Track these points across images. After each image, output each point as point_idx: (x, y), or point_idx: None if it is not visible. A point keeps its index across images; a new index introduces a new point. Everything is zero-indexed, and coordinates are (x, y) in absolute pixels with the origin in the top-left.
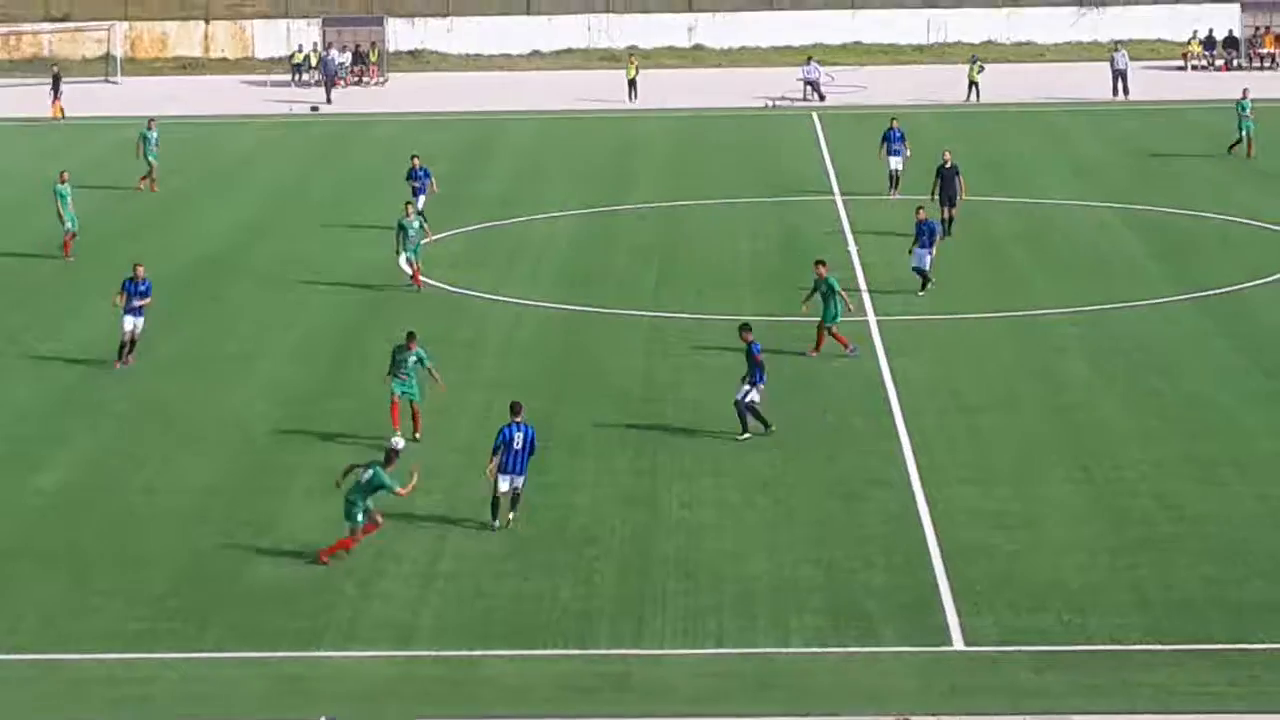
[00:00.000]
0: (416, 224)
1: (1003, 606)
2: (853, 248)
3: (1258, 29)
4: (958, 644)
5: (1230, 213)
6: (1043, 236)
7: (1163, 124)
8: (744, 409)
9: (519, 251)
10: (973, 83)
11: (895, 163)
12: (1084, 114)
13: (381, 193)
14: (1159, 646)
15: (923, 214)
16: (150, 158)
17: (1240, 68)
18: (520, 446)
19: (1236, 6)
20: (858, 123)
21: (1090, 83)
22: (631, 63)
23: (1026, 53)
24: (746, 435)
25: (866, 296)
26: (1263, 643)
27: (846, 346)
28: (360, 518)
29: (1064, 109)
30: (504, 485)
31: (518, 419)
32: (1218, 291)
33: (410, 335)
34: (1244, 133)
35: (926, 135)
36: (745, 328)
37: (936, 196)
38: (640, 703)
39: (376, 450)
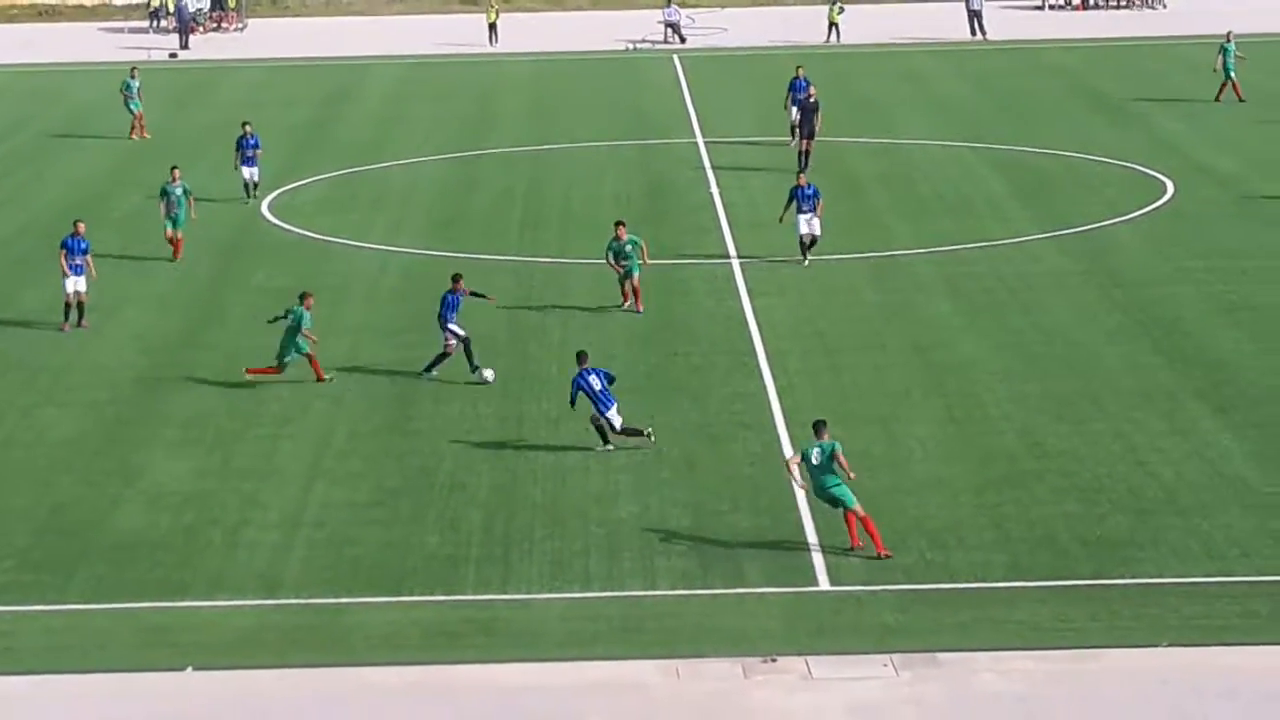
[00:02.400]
0: (180, 190)
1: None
2: (714, 189)
3: None
4: (823, 584)
5: (1089, 151)
6: (903, 177)
7: (1021, 64)
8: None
9: (382, 197)
10: (833, 24)
11: (798, 113)
12: (942, 54)
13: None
14: (1021, 583)
15: (803, 179)
16: (133, 106)
17: (1097, 6)
18: (600, 387)
19: None
20: (718, 65)
21: (948, 23)
22: (492, 6)
23: None
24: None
25: (729, 238)
26: (1123, 578)
27: (638, 306)
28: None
29: (923, 49)
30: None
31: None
32: (1077, 230)
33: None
34: (1229, 75)
35: (788, 76)
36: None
37: (795, 131)
38: (508, 647)
39: (243, 396)
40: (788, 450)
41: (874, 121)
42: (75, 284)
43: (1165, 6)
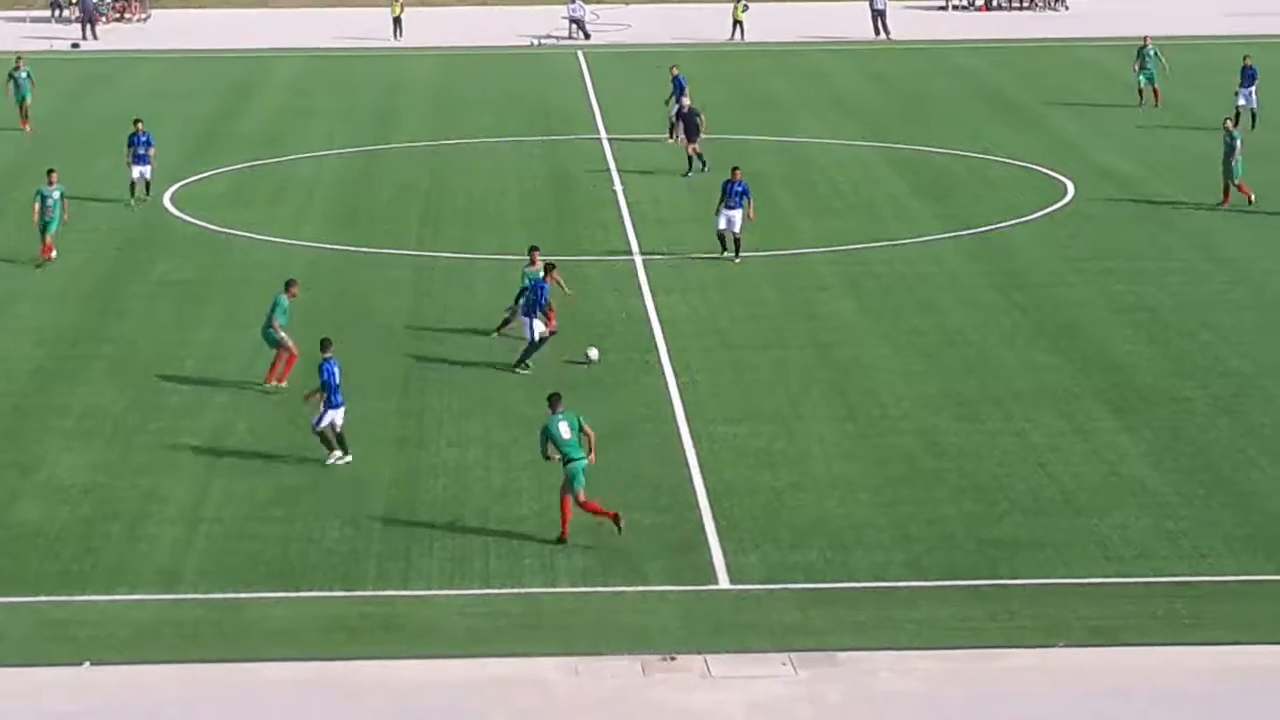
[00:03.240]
0: (58, 194)
1: (768, 544)
2: (618, 186)
3: None
4: (723, 582)
5: (990, 152)
6: (805, 176)
7: (923, 64)
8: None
9: (285, 191)
10: (737, 22)
11: (683, 100)
12: (846, 54)
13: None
14: (920, 582)
15: (738, 174)
16: (21, 96)
17: (1000, 7)
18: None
19: None
20: (623, 61)
21: (852, 23)
22: (397, 0)
23: None
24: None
25: (632, 235)
26: (1021, 578)
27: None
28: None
29: (826, 48)
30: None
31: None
32: (978, 230)
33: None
34: (1147, 81)
35: (691, 75)
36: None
37: (680, 137)
38: (408, 643)
39: (143, 389)
40: (689, 448)
41: (777, 120)
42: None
43: (1068, 8)
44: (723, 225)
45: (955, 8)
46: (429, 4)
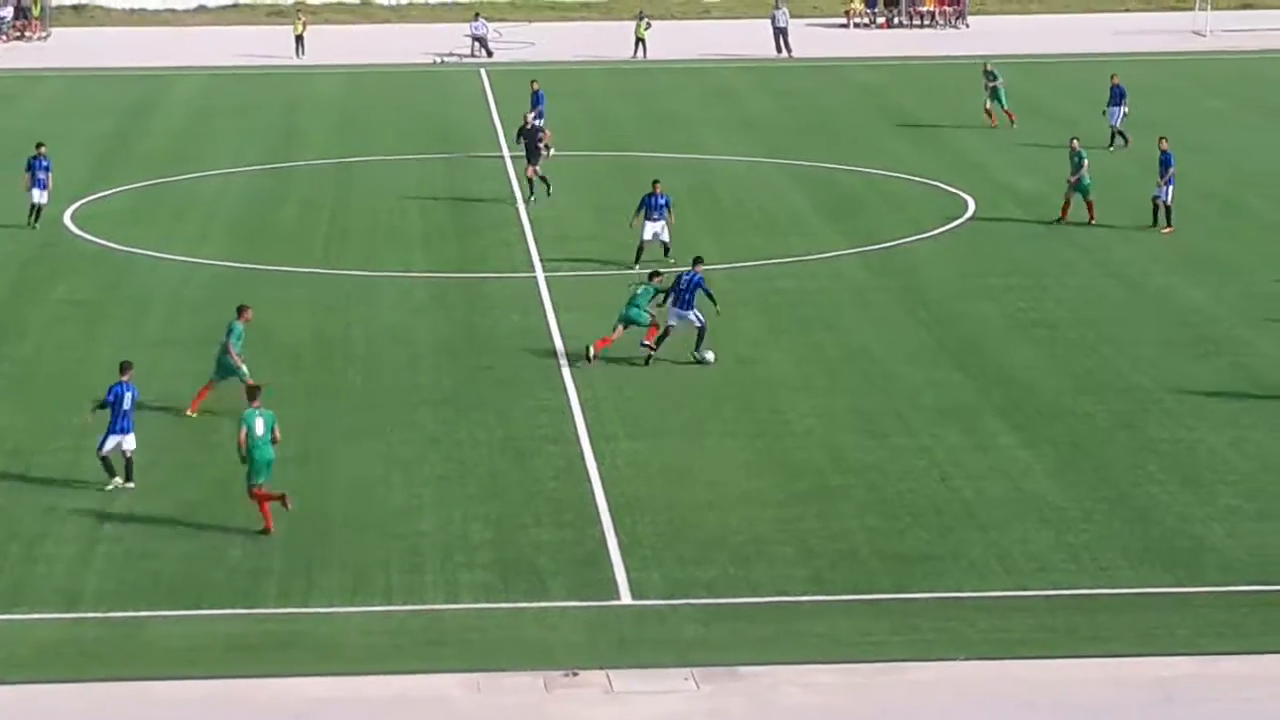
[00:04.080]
0: None
1: (670, 560)
2: (520, 204)
3: None
4: (625, 598)
5: (893, 168)
6: (710, 193)
7: (825, 81)
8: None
9: (187, 209)
10: (639, 39)
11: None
12: (748, 71)
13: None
14: (823, 597)
15: (659, 187)
16: None
17: (901, 25)
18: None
19: None
20: (526, 79)
21: (754, 40)
22: (299, 19)
23: (693, 9)
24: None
25: (534, 252)
26: (923, 592)
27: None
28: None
29: (729, 66)
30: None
31: (125, 378)
32: (881, 246)
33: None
34: (995, 102)
35: (594, 92)
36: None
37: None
38: (309, 661)
39: (42, 408)
40: (592, 464)
41: (680, 137)
42: None
43: (968, 26)
44: (648, 237)
45: (856, 25)
46: (332, 22)
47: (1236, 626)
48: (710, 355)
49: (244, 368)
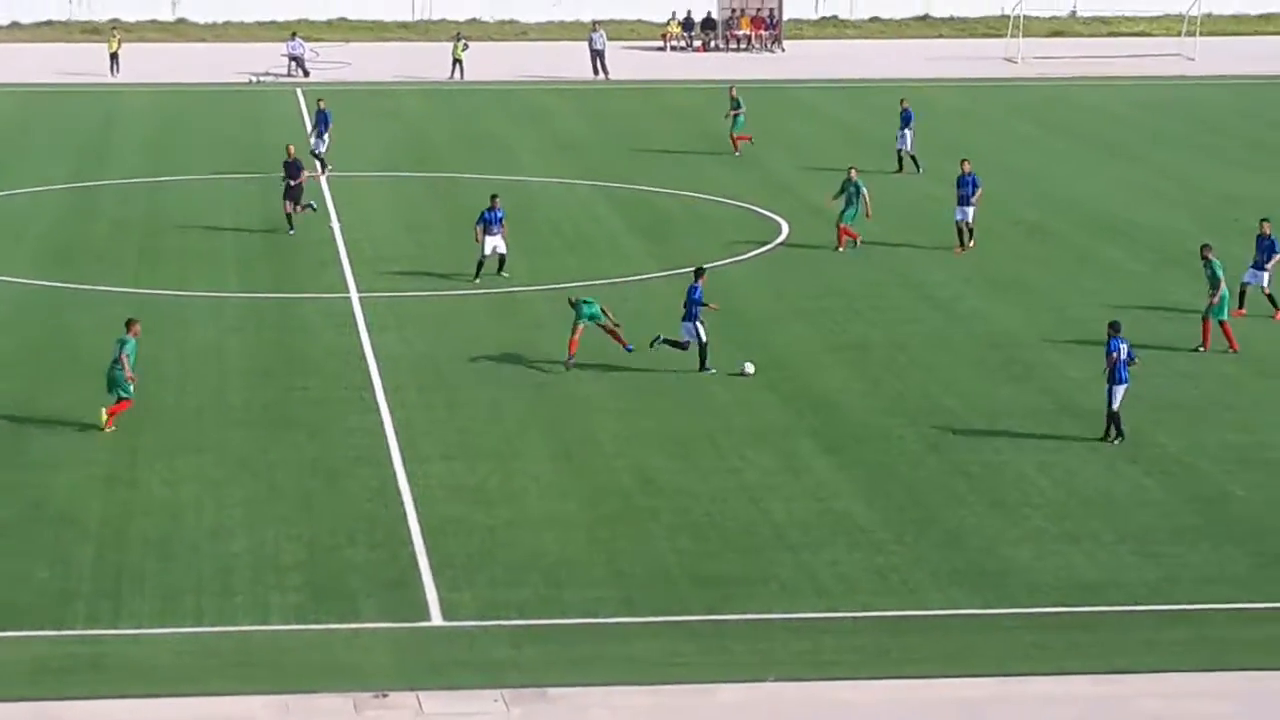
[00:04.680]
0: None
1: (482, 581)
2: (335, 223)
3: (734, 11)
4: (437, 619)
5: (707, 191)
6: (525, 214)
7: (641, 103)
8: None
9: None
10: (457, 60)
11: (311, 139)
12: (565, 93)
13: None
14: (634, 619)
15: (497, 201)
16: None
17: (717, 49)
18: None
19: None
20: (342, 99)
21: (571, 62)
22: (114, 36)
23: (510, 32)
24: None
25: (349, 273)
26: (734, 613)
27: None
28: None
29: (545, 88)
30: None
31: None
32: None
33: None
34: (736, 129)
35: (411, 113)
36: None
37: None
38: (118, 683)
39: None
40: (404, 485)
41: (496, 158)
42: None
43: (784, 50)
44: (488, 251)
45: (673, 48)
46: (147, 40)
47: (1043, 648)
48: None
49: (131, 386)
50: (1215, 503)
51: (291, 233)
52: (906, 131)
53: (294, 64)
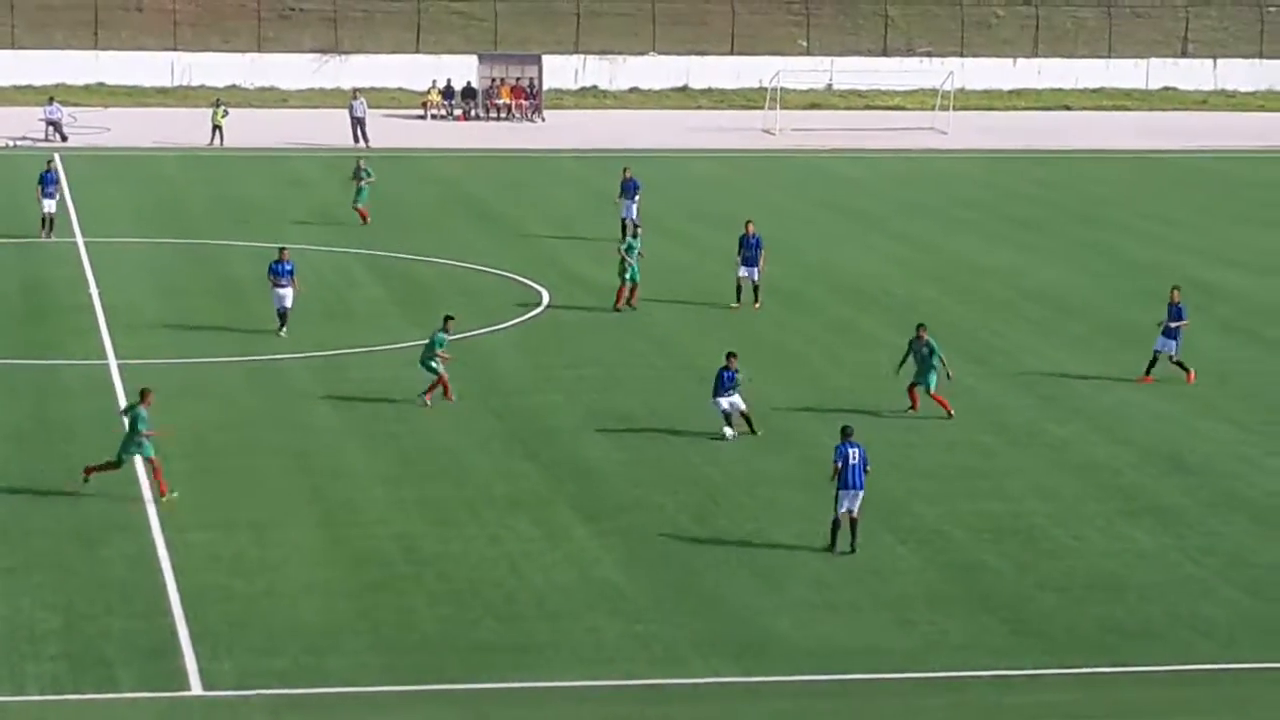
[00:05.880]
0: None
1: (242, 650)
2: (94, 289)
3: (494, 80)
4: (196, 688)
5: (467, 259)
6: None
7: (402, 171)
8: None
9: None
10: (216, 126)
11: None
12: (326, 160)
13: None
14: (395, 687)
15: (285, 254)
16: None
17: (478, 117)
18: None
19: (474, 58)
20: (100, 164)
21: (331, 129)
22: None
23: (270, 98)
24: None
25: (107, 339)
26: (496, 681)
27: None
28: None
29: (306, 155)
30: None
31: None
32: (455, 337)
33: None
34: (361, 200)
35: (169, 178)
36: (732, 355)
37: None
38: None
39: None
40: (163, 553)
41: (256, 225)
42: None
43: (544, 120)
44: (278, 303)
45: (434, 117)
46: None
47: (803, 715)
48: (730, 432)
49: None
50: (972, 570)
51: None
52: (632, 201)
53: (51, 128)
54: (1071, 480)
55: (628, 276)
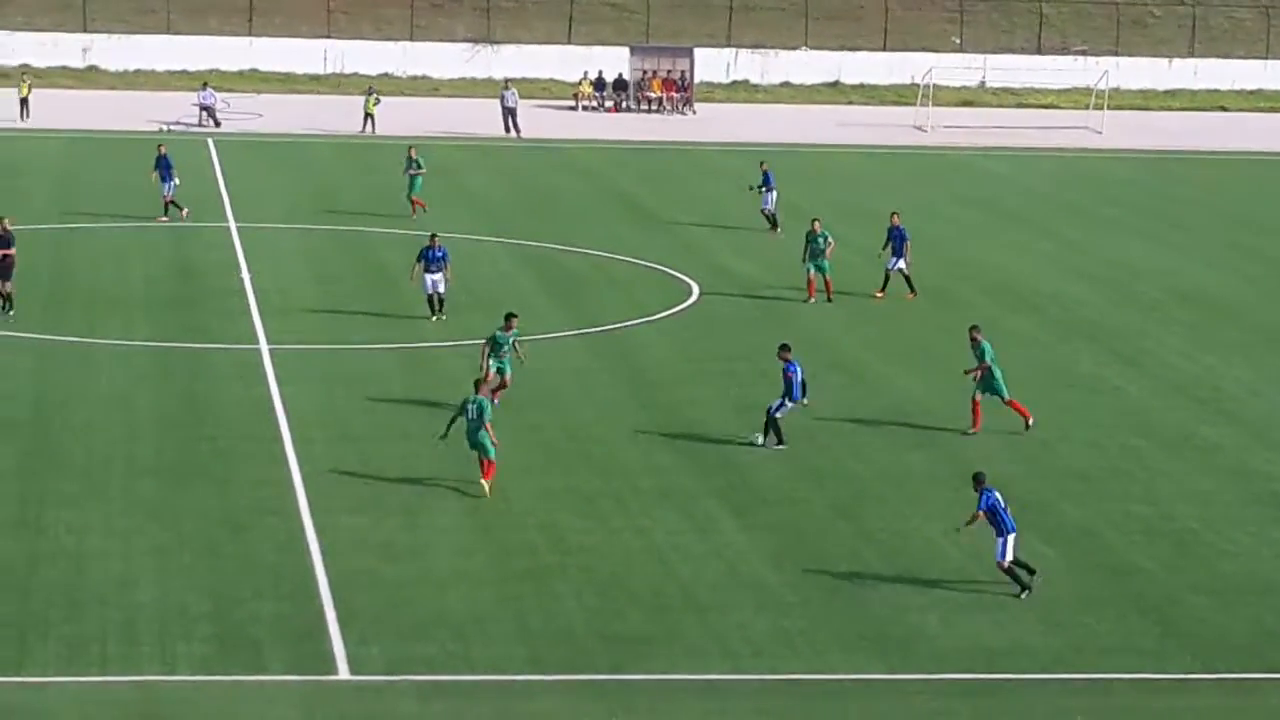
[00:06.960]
0: None
1: (389, 636)
2: (245, 273)
3: (645, 73)
4: (344, 673)
5: (617, 251)
6: None
7: (552, 162)
8: (772, 420)
9: None
10: (368, 114)
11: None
12: (476, 149)
13: None
14: (539, 676)
15: (436, 240)
16: None
17: (629, 109)
18: None
19: (626, 50)
20: (253, 150)
21: (483, 119)
22: (24, 81)
23: (422, 86)
24: (781, 446)
25: (258, 324)
26: (639, 673)
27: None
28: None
29: (457, 144)
30: None
31: None
32: (604, 329)
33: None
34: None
35: (320, 165)
36: (785, 348)
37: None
38: None
39: None
40: (312, 537)
41: (406, 212)
42: None
43: (695, 113)
44: (429, 289)
45: (585, 108)
46: (58, 86)
47: (948, 714)
48: (758, 438)
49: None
50: (1121, 572)
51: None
52: (771, 192)
53: (205, 114)
54: (1223, 485)
55: (816, 269)
